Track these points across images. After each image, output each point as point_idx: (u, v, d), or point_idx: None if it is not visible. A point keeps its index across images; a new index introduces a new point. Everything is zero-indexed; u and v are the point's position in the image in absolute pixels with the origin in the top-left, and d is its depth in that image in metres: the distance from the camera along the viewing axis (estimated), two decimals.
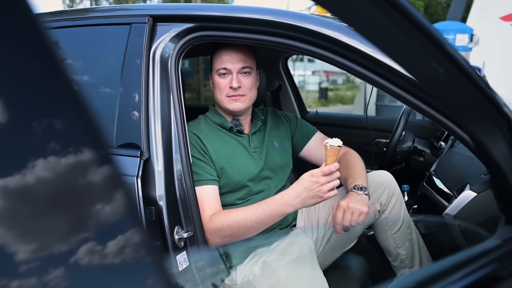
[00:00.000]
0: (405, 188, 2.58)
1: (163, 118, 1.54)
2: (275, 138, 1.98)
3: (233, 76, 1.78)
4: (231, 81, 1.78)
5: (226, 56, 1.79)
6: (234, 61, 1.78)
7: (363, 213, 1.60)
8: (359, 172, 1.79)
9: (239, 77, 1.79)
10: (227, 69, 1.78)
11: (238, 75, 1.79)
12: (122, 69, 1.58)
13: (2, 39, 0.37)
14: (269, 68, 3.02)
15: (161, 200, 1.45)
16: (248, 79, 1.81)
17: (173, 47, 1.60)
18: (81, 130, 0.41)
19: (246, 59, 1.80)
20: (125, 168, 1.44)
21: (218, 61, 1.81)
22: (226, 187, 1.76)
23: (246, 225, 1.59)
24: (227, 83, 1.79)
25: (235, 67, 1.78)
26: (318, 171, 1.52)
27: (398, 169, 2.81)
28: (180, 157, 1.54)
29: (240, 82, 1.79)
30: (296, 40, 1.51)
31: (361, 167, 1.84)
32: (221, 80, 1.80)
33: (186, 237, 1.48)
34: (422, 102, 1.35)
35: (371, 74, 1.42)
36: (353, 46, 1.42)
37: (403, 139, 2.78)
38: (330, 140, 1.55)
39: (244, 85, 1.80)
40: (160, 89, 1.56)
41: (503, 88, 2.05)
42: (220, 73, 1.80)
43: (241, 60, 1.79)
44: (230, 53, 1.79)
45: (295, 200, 1.55)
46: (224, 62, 1.79)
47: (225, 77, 1.80)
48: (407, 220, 1.85)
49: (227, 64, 1.78)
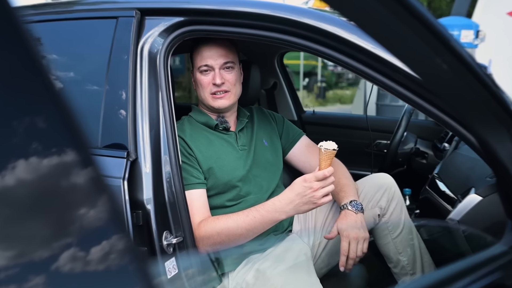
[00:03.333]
0: (407, 191, 2.58)
1: (151, 117, 1.53)
2: (263, 136, 1.99)
3: (215, 73, 1.79)
4: (214, 78, 1.79)
5: (207, 52, 1.79)
6: (215, 57, 1.79)
7: (366, 239, 1.67)
8: (348, 185, 1.82)
9: (222, 73, 1.80)
10: (209, 65, 1.79)
11: (221, 71, 1.80)
12: (108, 65, 1.57)
13: None
14: (264, 65, 3.01)
15: (149, 204, 1.45)
16: (231, 74, 1.82)
17: (162, 42, 1.59)
18: (62, 130, 0.40)
19: (228, 53, 1.81)
20: (111, 170, 1.44)
21: (199, 57, 1.81)
22: (214, 188, 1.76)
23: (236, 233, 1.60)
24: (209, 80, 1.80)
25: (217, 63, 1.79)
26: (311, 176, 1.53)
27: (399, 172, 2.81)
28: (169, 158, 1.54)
29: (224, 78, 1.80)
30: (293, 35, 1.51)
31: (347, 177, 1.88)
32: (203, 77, 1.81)
33: (175, 242, 1.48)
34: (425, 101, 1.35)
35: (372, 71, 1.42)
36: (354, 42, 1.42)
37: (404, 140, 2.78)
38: (324, 143, 1.55)
39: (228, 81, 1.81)
40: (148, 86, 1.55)
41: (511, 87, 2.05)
42: (201, 70, 1.81)
43: (222, 55, 1.80)
44: (211, 48, 1.79)
45: (288, 206, 1.56)
46: (205, 58, 1.79)
47: (207, 74, 1.80)
48: (409, 224, 1.86)
49: (208, 60, 1.79)
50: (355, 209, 1.71)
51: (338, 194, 1.78)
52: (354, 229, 1.66)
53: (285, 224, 1.91)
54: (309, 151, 2.05)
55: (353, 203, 1.72)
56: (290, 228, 1.95)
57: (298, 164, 2.07)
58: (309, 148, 2.06)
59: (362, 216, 1.71)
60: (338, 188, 1.75)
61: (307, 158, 2.03)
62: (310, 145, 2.07)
